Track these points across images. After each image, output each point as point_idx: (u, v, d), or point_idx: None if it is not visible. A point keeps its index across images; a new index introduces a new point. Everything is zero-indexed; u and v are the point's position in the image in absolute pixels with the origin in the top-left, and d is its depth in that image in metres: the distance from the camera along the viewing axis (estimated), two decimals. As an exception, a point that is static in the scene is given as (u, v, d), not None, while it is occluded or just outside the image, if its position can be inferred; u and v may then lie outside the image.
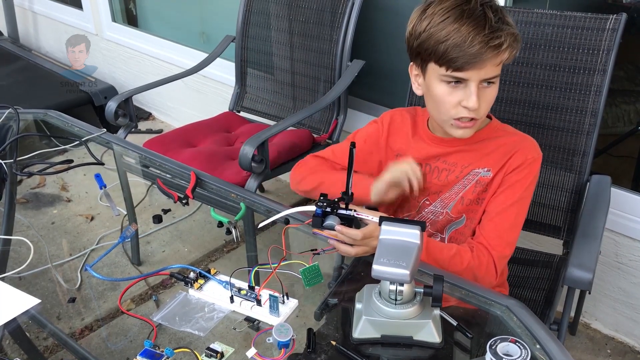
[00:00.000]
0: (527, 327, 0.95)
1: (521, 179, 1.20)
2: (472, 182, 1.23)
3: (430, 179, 1.27)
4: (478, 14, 1.09)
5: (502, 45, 1.09)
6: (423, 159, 1.28)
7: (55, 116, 1.77)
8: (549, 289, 1.53)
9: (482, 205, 1.24)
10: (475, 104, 1.12)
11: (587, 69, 1.52)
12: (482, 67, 1.10)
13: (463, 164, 1.24)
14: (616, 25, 1.49)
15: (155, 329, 1.04)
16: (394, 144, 1.33)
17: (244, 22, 2.41)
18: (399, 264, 0.90)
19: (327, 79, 2.21)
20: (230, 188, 1.41)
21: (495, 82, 1.15)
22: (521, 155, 1.20)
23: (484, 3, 1.11)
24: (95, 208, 2.54)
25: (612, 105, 2.57)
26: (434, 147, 1.27)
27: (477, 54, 1.08)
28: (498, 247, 1.19)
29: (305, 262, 1.09)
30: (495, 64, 1.11)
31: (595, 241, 1.32)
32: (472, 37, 1.08)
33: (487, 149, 1.23)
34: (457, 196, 1.25)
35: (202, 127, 2.33)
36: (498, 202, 1.21)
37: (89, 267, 1.14)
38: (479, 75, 1.12)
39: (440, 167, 1.26)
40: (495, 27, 1.09)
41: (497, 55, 1.10)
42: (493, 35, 1.08)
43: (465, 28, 1.08)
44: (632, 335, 1.94)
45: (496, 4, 1.14)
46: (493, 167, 1.22)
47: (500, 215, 1.20)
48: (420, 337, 0.95)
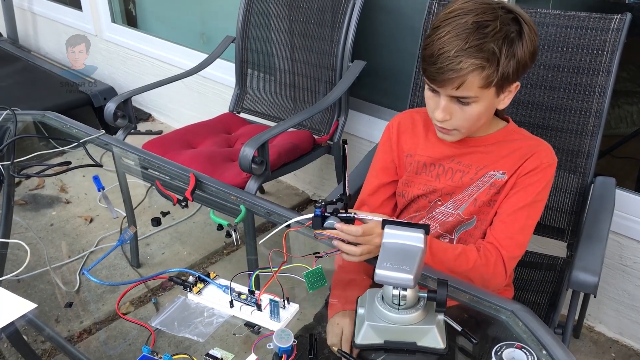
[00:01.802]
0: (533, 332, 0.94)
1: (534, 182, 1.19)
2: (486, 185, 1.22)
3: (444, 180, 1.26)
4: (462, 30, 1.06)
5: (459, 72, 1.06)
6: (437, 159, 1.27)
7: (54, 117, 1.75)
8: (553, 292, 1.52)
9: (494, 207, 1.23)
10: (440, 116, 1.14)
11: (591, 70, 1.51)
12: (444, 85, 1.10)
13: (478, 166, 1.23)
14: (621, 25, 1.48)
15: (154, 334, 1.02)
16: (404, 144, 1.33)
17: (244, 23, 2.40)
18: (402, 269, 0.88)
19: (328, 79, 2.20)
20: (230, 190, 1.40)
21: (474, 102, 1.12)
22: (536, 159, 1.19)
23: (482, 21, 1.07)
24: (95, 210, 2.53)
25: (614, 107, 2.55)
26: (448, 147, 1.26)
27: (437, 72, 1.08)
28: (508, 247, 1.18)
29: (307, 265, 1.08)
30: (454, 86, 1.08)
31: (601, 244, 1.31)
32: (440, 54, 1.07)
33: (503, 151, 1.22)
34: (471, 198, 1.23)
35: (202, 128, 2.31)
36: (510, 204, 1.20)
37: (86, 271, 1.13)
38: (445, 91, 1.11)
39: (454, 168, 1.25)
40: (464, 52, 1.06)
41: (456, 79, 1.07)
42: (457, 59, 1.06)
43: (440, 42, 1.07)
44: (636, 338, 1.93)
45: (517, 21, 1.10)
46: (508, 170, 1.21)
47: (512, 217, 1.19)
48: (424, 343, 0.93)
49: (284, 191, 2.85)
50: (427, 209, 1.29)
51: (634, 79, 2.63)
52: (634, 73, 2.63)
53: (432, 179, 1.27)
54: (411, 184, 1.30)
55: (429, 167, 1.28)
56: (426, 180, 1.28)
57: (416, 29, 1.74)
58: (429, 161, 1.28)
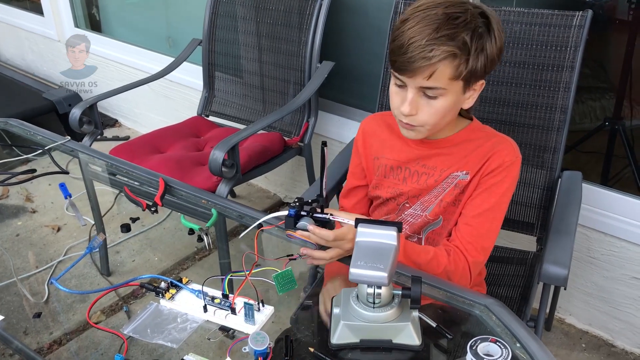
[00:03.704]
0: (507, 325, 0.95)
1: (498, 182, 1.19)
2: (451, 186, 1.23)
3: (410, 182, 1.27)
4: (432, 20, 1.08)
5: (431, 59, 1.07)
6: (403, 162, 1.28)
7: (17, 125, 1.71)
8: (524, 286, 1.54)
9: (459, 207, 1.24)
10: (406, 109, 1.14)
11: (556, 66, 1.54)
12: (414, 76, 1.10)
13: (442, 168, 1.24)
14: (582, 22, 1.51)
15: (126, 342, 1.01)
16: (371, 147, 1.34)
17: (210, 25, 2.38)
18: (376, 267, 0.88)
19: (297, 81, 2.20)
20: (201, 194, 1.38)
21: (441, 95, 1.13)
22: (498, 157, 1.20)
23: (451, 12, 1.08)
24: (62, 218, 2.48)
25: (578, 103, 2.60)
26: (413, 149, 1.27)
27: (408, 61, 1.08)
28: (473, 252, 1.19)
29: (278, 268, 1.07)
30: (425, 76, 1.09)
31: (569, 237, 1.33)
32: (410, 44, 1.08)
33: (465, 151, 1.23)
34: (437, 199, 1.25)
35: (170, 132, 2.29)
36: (474, 205, 1.20)
37: (55, 280, 1.11)
38: (414, 82, 1.11)
39: (420, 171, 1.26)
40: (436, 40, 1.07)
41: (427, 67, 1.08)
42: (428, 47, 1.07)
43: (411, 32, 1.08)
44: (605, 328, 1.97)
45: (485, 16, 1.12)
46: (471, 169, 1.22)
47: (477, 220, 1.20)
48: (399, 340, 0.93)
49: (255, 194, 2.84)
50: (397, 211, 1.30)
51: (597, 75, 2.69)
52: (596, 69, 2.69)
53: (399, 182, 1.28)
54: (380, 187, 1.31)
55: (396, 170, 1.29)
56: (394, 184, 1.29)
57: (383, 29, 1.75)
58: (396, 164, 1.29)
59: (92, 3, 3.52)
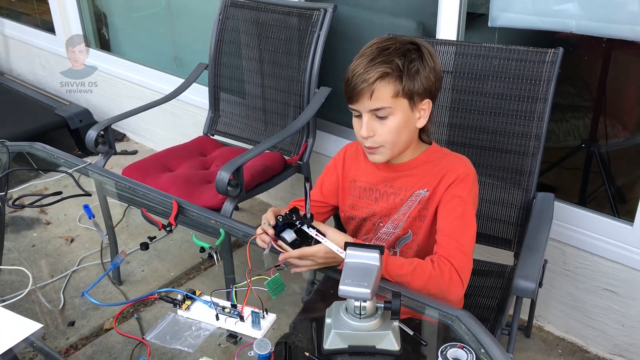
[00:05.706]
0: (474, 334, 1.09)
1: (458, 193, 1.34)
2: (415, 203, 1.38)
3: (381, 203, 1.42)
4: (369, 55, 1.28)
5: (368, 81, 1.26)
6: (374, 183, 1.44)
7: (40, 148, 1.85)
8: (501, 297, 1.68)
9: (425, 221, 1.38)
10: (364, 132, 1.31)
11: (531, 98, 1.67)
12: (360, 100, 1.29)
13: (406, 187, 1.39)
14: (554, 58, 1.64)
15: (149, 348, 1.16)
16: (349, 171, 1.50)
17: (216, 51, 2.52)
18: (361, 284, 1.04)
19: (297, 104, 2.34)
20: (210, 215, 1.53)
21: (390, 114, 1.30)
22: (453, 173, 1.35)
23: (384, 45, 1.29)
24: (75, 230, 2.60)
25: (562, 121, 2.72)
26: (382, 172, 1.43)
27: (353, 89, 1.29)
28: (456, 256, 1.28)
29: (267, 276, 1.24)
30: (367, 97, 1.28)
31: (538, 254, 1.45)
32: (353, 75, 1.28)
33: (425, 171, 1.39)
34: (405, 216, 1.39)
35: (178, 151, 2.42)
36: (444, 217, 1.34)
37: (86, 292, 1.25)
38: (363, 106, 1.30)
39: (388, 192, 1.42)
40: (372, 66, 1.26)
41: (367, 88, 1.27)
42: (365, 72, 1.27)
43: (353, 67, 1.30)
44: (580, 335, 2.09)
45: (415, 44, 1.31)
46: (430, 186, 1.37)
47: (450, 229, 1.32)
48: (382, 346, 1.08)
49: (257, 207, 2.96)
50: (374, 231, 1.45)
51: (581, 94, 2.82)
52: (580, 88, 2.82)
53: (372, 202, 1.43)
54: (356, 207, 1.46)
55: (369, 192, 1.44)
56: (367, 204, 1.44)
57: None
58: (368, 186, 1.44)
59: (102, 23, 3.66)
